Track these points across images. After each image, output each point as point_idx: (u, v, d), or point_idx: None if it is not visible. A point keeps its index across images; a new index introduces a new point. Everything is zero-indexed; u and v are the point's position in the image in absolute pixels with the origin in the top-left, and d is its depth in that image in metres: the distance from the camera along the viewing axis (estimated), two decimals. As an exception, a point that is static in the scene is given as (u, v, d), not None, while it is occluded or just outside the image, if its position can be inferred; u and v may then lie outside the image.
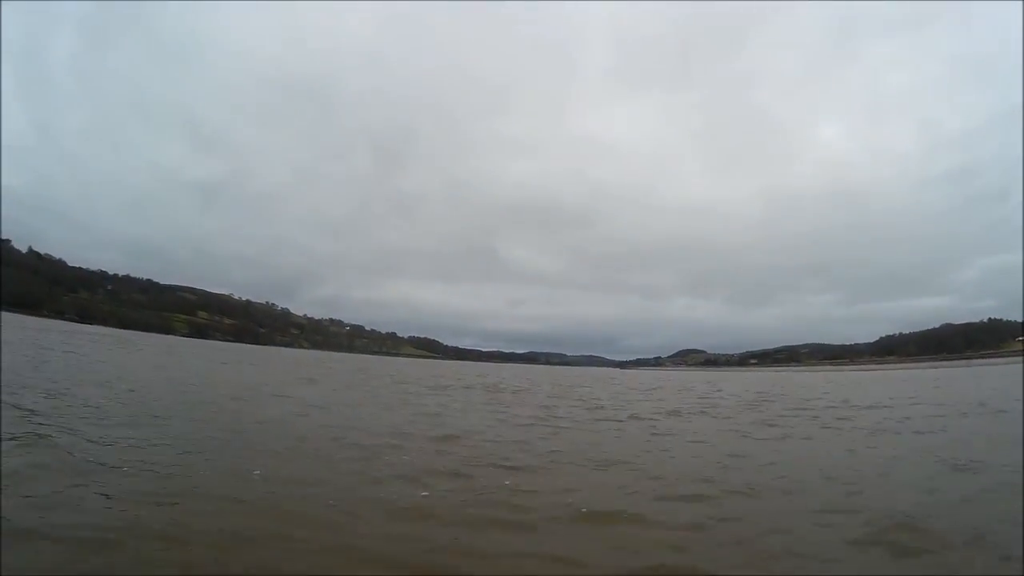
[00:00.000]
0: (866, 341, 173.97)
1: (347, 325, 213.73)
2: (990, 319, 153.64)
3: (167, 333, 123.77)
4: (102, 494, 4.66)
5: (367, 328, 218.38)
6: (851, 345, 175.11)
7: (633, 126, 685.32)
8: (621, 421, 13.03)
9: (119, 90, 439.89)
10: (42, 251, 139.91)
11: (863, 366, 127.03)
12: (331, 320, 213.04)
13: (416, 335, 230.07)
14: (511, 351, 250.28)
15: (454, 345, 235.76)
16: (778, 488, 6.33)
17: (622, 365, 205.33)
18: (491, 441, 9.10)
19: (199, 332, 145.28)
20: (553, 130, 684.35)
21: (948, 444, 9.33)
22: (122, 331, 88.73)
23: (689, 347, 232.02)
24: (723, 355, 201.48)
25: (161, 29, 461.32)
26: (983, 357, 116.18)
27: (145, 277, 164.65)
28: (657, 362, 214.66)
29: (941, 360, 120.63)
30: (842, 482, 6.54)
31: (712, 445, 9.63)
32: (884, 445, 9.63)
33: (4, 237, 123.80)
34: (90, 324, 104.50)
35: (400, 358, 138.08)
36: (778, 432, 11.30)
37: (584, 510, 5.17)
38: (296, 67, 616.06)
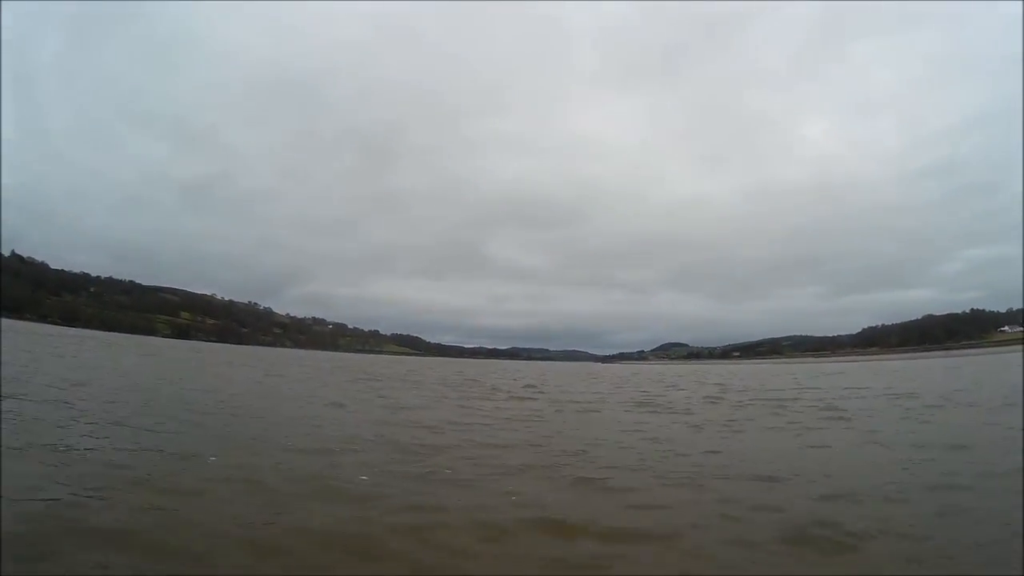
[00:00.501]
0: (849, 333, 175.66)
1: (330, 323, 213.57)
2: (972, 310, 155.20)
3: (150, 335, 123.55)
4: None
5: (350, 326, 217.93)
6: (833, 337, 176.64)
7: (620, 123, 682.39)
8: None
9: (104, 89, 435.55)
10: (24, 254, 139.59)
11: (842, 357, 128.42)
12: (314, 319, 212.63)
13: (399, 332, 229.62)
14: (494, 347, 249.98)
15: (436, 342, 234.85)
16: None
17: (605, 360, 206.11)
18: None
19: (181, 333, 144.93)
20: (542, 128, 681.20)
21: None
22: (106, 333, 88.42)
23: (673, 341, 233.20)
24: (706, 348, 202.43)
25: (148, 28, 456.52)
26: (964, 348, 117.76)
27: (128, 279, 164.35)
28: (640, 356, 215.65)
29: (922, 351, 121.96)
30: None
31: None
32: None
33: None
34: (74, 327, 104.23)
35: (383, 355, 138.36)
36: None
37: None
38: (285, 65, 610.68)
